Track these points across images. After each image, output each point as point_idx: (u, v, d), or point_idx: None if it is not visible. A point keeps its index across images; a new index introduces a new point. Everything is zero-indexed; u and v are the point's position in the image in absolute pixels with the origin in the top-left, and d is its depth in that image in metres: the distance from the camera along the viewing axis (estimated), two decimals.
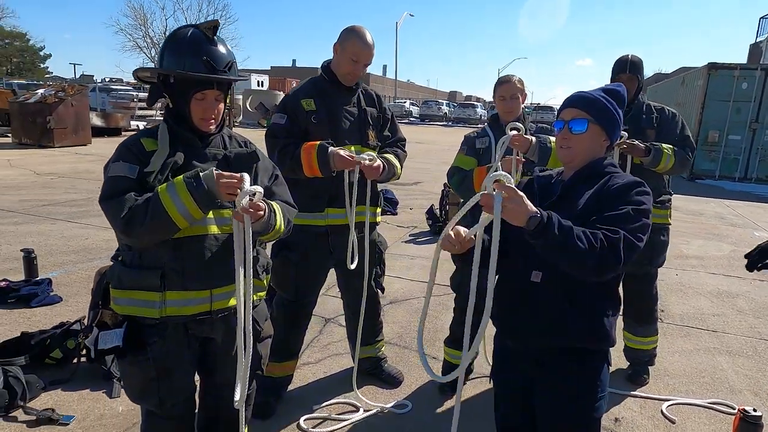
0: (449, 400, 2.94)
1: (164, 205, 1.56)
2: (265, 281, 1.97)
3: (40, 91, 13.89)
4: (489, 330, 1.57)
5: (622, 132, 2.79)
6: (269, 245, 2.31)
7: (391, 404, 2.85)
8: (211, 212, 1.69)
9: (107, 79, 36.52)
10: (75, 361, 3.02)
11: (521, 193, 1.35)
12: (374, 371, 3.11)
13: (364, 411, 2.77)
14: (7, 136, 14.21)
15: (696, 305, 4.65)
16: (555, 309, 1.55)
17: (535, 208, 1.37)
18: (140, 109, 20.85)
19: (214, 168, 1.62)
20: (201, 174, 1.58)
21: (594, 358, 1.61)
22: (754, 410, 2.37)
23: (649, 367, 3.30)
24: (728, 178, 13.13)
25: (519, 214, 1.35)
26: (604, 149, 1.67)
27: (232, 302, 1.80)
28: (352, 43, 2.50)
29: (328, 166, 2.43)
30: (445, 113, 39.08)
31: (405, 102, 43.56)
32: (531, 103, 52.93)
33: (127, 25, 44.52)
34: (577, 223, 1.46)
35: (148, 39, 34.62)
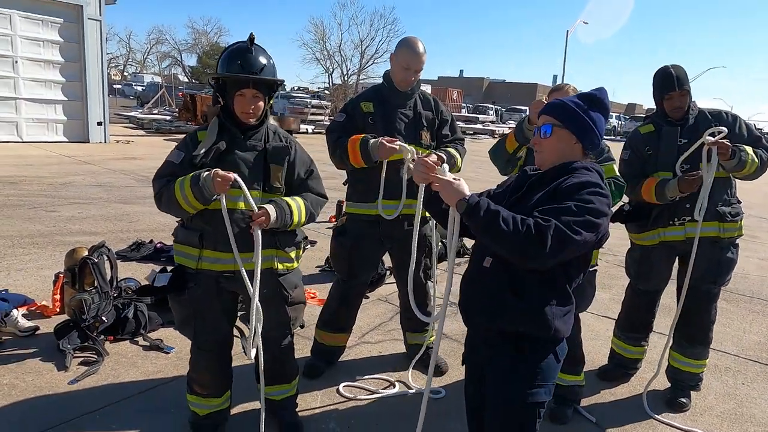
0: None
1: (175, 195, 2.07)
2: (292, 254, 2.35)
3: None
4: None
5: (721, 128, 2.60)
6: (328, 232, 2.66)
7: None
8: (239, 192, 2.05)
9: (296, 88, 41.31)
10: None
11: (449, 178, 1.57)
12: (422, 358, 3.31)
13: (399, 389, 3.00)
14: None
15: None
16: (497, 292, 1.65)
17: (467, 193, 1.55)
18: (312, 114, 23.33)
19: (212, 170, 1.99)
20: (203, 175, 2.00)
21: (537, 346, 1.66)
22: None
23: (693, 396, 3.02)
24: None
25: (450, 195, 1.57)
26: (577, 152, 1.71)
27: (250, 267, 2.16)
28: (403, 53, 2.78)
29: (370, 157, 2.73)
30: (614, 126, 36.05)
31: None
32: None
33: (308, 40, 49.94)
34: (526, 213, 1.56)
35: (325, 51, 38.36)
